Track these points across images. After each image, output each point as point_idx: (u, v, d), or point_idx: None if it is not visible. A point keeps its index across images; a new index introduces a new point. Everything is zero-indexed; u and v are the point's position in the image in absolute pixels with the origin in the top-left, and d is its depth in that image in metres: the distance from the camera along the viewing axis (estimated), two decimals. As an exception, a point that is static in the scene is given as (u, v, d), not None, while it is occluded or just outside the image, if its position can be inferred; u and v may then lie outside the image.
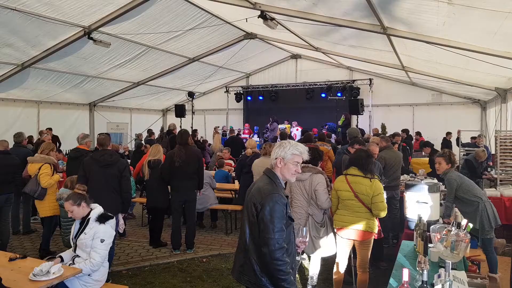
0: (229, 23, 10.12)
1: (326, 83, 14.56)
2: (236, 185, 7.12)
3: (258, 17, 8.02)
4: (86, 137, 5.84)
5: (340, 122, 13.77)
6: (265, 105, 15.97)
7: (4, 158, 5.64)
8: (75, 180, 4.74)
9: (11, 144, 6.51)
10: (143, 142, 11.67)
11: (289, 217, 2.40)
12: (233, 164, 9.03)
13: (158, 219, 6.15)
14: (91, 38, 8.50)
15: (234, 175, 7.40)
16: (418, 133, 13.10)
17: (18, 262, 3.25)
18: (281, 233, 2.27)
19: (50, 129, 10.81)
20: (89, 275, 3.26)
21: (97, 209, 3.48)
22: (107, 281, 3.74)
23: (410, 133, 12.28)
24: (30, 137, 9.51)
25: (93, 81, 11.98)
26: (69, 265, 3.31)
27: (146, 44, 10.15)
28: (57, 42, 8.82)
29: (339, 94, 14.24)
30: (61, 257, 3.44)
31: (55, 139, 10.87)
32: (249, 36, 11.70)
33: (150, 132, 13.29)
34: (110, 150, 4.90)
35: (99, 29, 8.48)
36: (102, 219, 3.39)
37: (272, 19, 8.25)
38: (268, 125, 14.54)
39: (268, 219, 2.26)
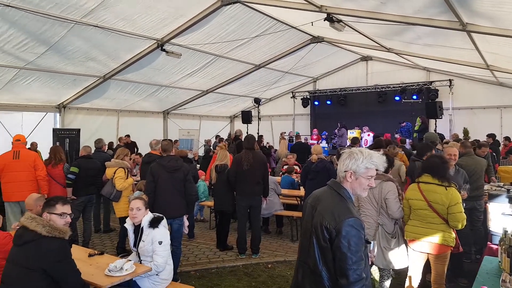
0: (295, 27, 10.16)
1: (400, 85, 13.88)
2: (302, 191, 7.08)
3: (324, 20, 7.93)
4: (158, 143, 6.24)
5: (416, 127, 13.00)
6: (333, 110, 15.68)
7: (87, 162, 6.24)
8: (147, 184, 5.08)
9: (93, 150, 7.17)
10: (211, 147, 12.13)
11: (366, 240, 2.18)
12: (298, 170, 8.98)
13: (224, 223, 6.34)
14: (164, 50, 9.09)
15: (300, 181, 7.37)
16: (507, 138, 11.87)
17: (96, 258, 3.57)
18: (360, 263, 2.04)
19: (128, 135, 11.72)
20: (157, 274, 3.47)
21: (148, 216, 3.68)
22: (176, 280, 3.95)
23: (497, 138, 11.18)
24: (111, 143, 10.41)
25: (166, 90, 12.79)
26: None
27: (214, 53, 10.58)
28: (133, 54, 9.56)
29: (414, 97, 13.48)
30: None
31: (133, 145, 11.75)
32: (316, 39, 11.61)
33: (218, 138, 13.77)
34: (175, 155, 5.19)
35: (170, 41, 9.04)
36: (154, 223, 3.57)
37: (339, 21, 8.11)
38: (336, 130, 14.24)
39: (346, 248, 2.02)
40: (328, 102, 15.69)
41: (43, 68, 9.10)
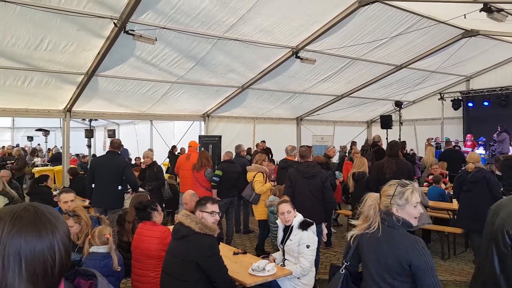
0: (443, 22, 9.33)
1: None
2: (454, 204, 6.42)
3: (480, 11, 7.10)
4: (294, 149, 6.49)
5: None
6: (492, 112, 13.77)
7: (230, 166, 6.86)
8: (282, 189, 5.32)
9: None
10: (346, 154, 11.97)
11: None
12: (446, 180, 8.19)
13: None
14: (298, 57, 9.39)
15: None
16: None
17: (240, 257, 3.90)
18: None
19: (264, 141, 12.44)
20: (298, 278, 3.60)
21: (299, 217, 3.84)
22: (314, 287, 4.03)
23: None
24: (249, 149, 11.22)
25: (300, 97, 13.14)
26: (281, 266, 3.74)
27: (350, 56, 10.45)
28: (269, 63, 10.13)
29: None
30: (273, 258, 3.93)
31: (268, 150, 12.40)
32: (469, 33, 10.41)
33: (353, 144, 13.49)
34: (312, 161, 5.30)
35: (305, 48, 9.29)
36: (304, 226, 3.71)
37: (500, 10, 7.14)
38: (495, 135, 12.47)
39: None
40: (486, 103, 13.86)
41: (191, 81, 10.37)
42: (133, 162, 13.04)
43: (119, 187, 6.14)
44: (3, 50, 7.39)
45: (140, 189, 6.51)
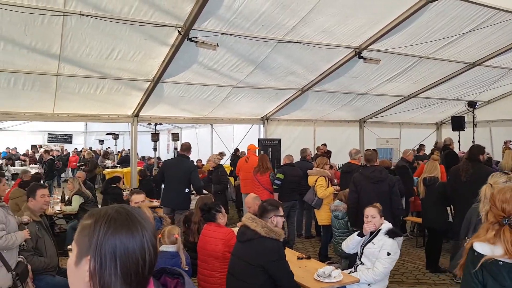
0: (522, 14, 8.64)
1: None
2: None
3: None
4: (358, 153, 6.38)
5: None
6: None
7: (291, 169, 6.89)
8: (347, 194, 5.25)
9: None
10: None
11: None
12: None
13: (435, 242, 5.91)
14: (362, 57, 9.19)
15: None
16: None
17: (304, 262, 3.92)
18: None
19: (325, 144, 12.31)
20: (368, 285, 3.54)
21: (388, 225, 3.79)
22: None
23: None
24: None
25: (363, 98, 12.84)
26: (350, 272, 3.70)
27: (417, 55, 10.02)
28: (331, 65, 10.02)
29: None
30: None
31: (328, 154, 12.27)
32: (553, 25, 9.55)
33: (420, 147, 12.91)
34: (379, 166, 5.16)
35: (369, 47, 9.07)
36: (391, 234, 3.66)
37: None
38: None
39: None
40: None
41: (251, 85, 10.56)
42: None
43: (186, 190, 6.45)
44: (79, 60, 8.07)
45: (204, 191, 6.77)
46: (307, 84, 11.08)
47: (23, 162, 16.29)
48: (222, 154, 11.91)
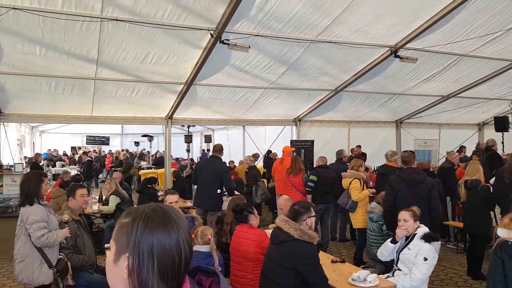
0: None
1: None
2: None
3: None
4: (394, 155, 6.23)
5: None
6: None
7: (325, 171, 6.82)
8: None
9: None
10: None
11: None
12: None
13: (477, 248, 5.68)
14: (398, 56, 8.97)
15: None
16: None
17: (338, 265, 3.87)
18: None
19: (359, 146, 12.10)
20: (405, 290, 3.46)
21: (424, 229, 3.69)
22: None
23: None
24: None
25: (399, 98, 12.53)
26: (387, 277, 3.62)
27: (457, 53, 9.67)
28: (365, 64, 9.84)
29: None
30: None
31: (363, 156, 12.05)
32: None
33: (461, 149, 12.45)
34: (417, 168, 5.01)
35: (405, 46, 8.84)
36: (427, 238, 3.57)
37: None
38: None
39: None
40: None
41: (283, 86, 10.55)
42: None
43: (218, 191, 6.52)
44: (115, 64, 8.35)
45: (236, 192, 6.83)
46: (340, 85, 10.93)
47: (63, 163, 17.01)
48: (255, 156, 11.96)
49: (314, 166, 7.16)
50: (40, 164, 11.99)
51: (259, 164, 13.84)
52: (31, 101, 9.93)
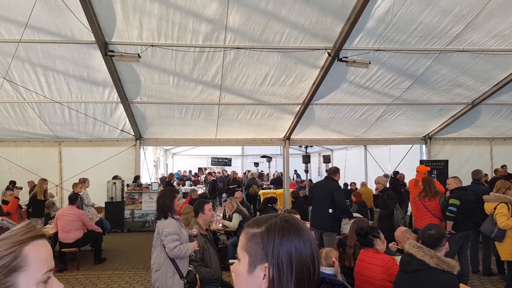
0: None
1: None
2: None
3: None
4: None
5: None
6: None
7: (465, 194, 6.12)
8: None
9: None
10: None
11: None
12: None
13: None
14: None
15: None
16: None
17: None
18: None
19: (505, 166, 10.68)
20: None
21: None
22: None
23: None
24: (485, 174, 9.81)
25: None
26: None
27: None
28: (508, 73, 8.80)
29: None
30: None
31: (510, 177, 10.57)
32: None
33: None
34: None
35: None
36: None
37: None
38: None
39: None
40: None
41: (409, 101, 10.00)
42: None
43: (330, 210, 6.49)
44: (236, 88, 8.97)
45: (357, 215, 6.60)
46: (478, 97, 9.92)
47: (191, 183, 18.68)
48: (386, 177, 11.42)
49: (447, 188, 6.48)
50: (173, 183, 13.30)
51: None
52: (165, 126, 11.23)
